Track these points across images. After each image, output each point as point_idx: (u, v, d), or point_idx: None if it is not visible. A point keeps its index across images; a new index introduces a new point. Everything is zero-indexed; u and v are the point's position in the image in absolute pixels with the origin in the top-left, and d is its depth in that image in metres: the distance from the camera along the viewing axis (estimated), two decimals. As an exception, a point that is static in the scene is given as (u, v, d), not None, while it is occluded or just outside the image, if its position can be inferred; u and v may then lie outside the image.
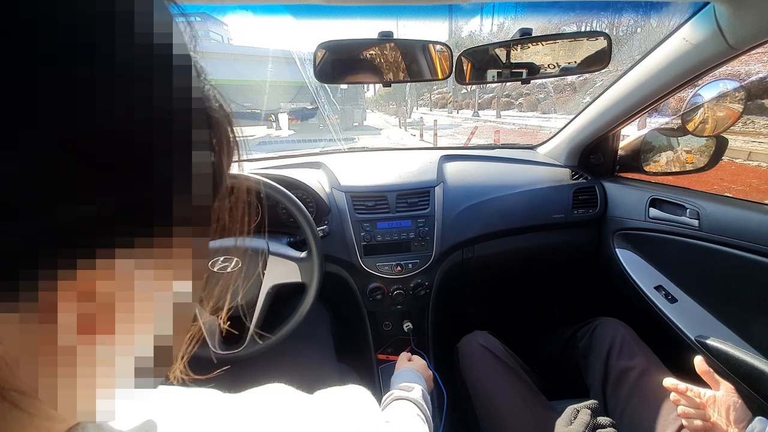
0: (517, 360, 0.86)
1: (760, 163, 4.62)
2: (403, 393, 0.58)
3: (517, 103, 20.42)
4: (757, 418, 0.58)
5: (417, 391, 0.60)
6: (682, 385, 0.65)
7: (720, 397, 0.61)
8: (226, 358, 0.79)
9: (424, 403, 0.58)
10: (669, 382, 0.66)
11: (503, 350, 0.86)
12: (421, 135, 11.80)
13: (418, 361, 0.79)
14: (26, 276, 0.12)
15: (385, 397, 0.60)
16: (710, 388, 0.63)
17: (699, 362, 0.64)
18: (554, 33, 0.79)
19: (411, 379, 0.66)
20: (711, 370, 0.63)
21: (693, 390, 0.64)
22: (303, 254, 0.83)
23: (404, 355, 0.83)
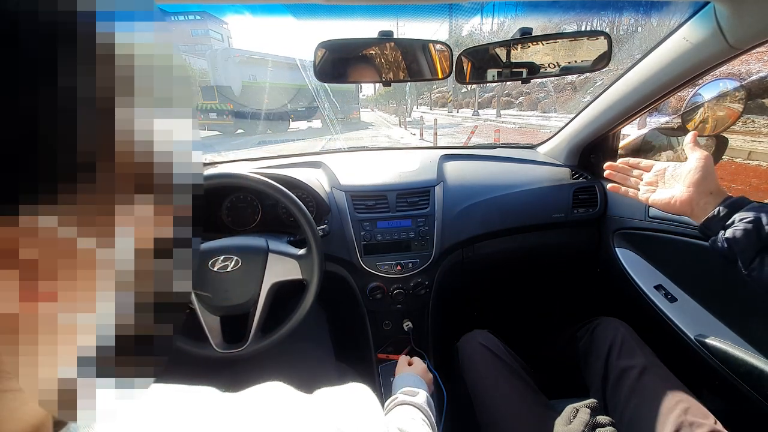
0: (517, 359, 0.86)
1: (760, 163, 4.61)
2: (408, 398, 0.58)
3: (518, 102, 20.44)
4: (729, 201, 0.55)
5: (422, 396, 0.59)
6: (633, 160, 0.68)
7: (686, 164, 0.60)
8: (228, 356, 0.80)
9: (428, 409, 0.57)
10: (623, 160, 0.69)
11: (503, 349, 0.86)
12: (421, 134, 11.84)
13: (419, 365, 0.79)
14: None
15: (389, 402, 0.60)
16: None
17: (690, 135, 0.62)
18: (554, 32, 0.79)
19: (414, 383, 0.65)
20: (696, 143, 0.61)
21: (644, 162, 0.67)
22: (303, 251, 0.83)
23: (404, 359, 0.83)
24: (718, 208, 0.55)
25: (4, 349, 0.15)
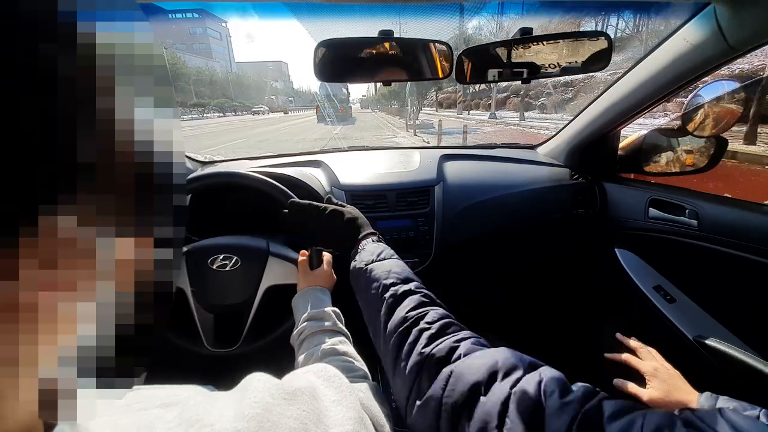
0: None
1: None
2: (330, 342, 0.58)
3: (538, 103, 19.12)
4: (704, 395, 0.60)
5: (328, 317, 0.61)
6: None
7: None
8: (219, 355, 0.79)
9: (341, 325, 0.61)
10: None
11: None
12: (439, 142, 10.01)
13: (321, 271, 0.73)
14: None
15: (299, 330, 0.60)
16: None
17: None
18: (555, 33, 0.79)
19: (318, 302, 0.64)
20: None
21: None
22: None
23: (303, 264, 0.73)
24: None
25: None
